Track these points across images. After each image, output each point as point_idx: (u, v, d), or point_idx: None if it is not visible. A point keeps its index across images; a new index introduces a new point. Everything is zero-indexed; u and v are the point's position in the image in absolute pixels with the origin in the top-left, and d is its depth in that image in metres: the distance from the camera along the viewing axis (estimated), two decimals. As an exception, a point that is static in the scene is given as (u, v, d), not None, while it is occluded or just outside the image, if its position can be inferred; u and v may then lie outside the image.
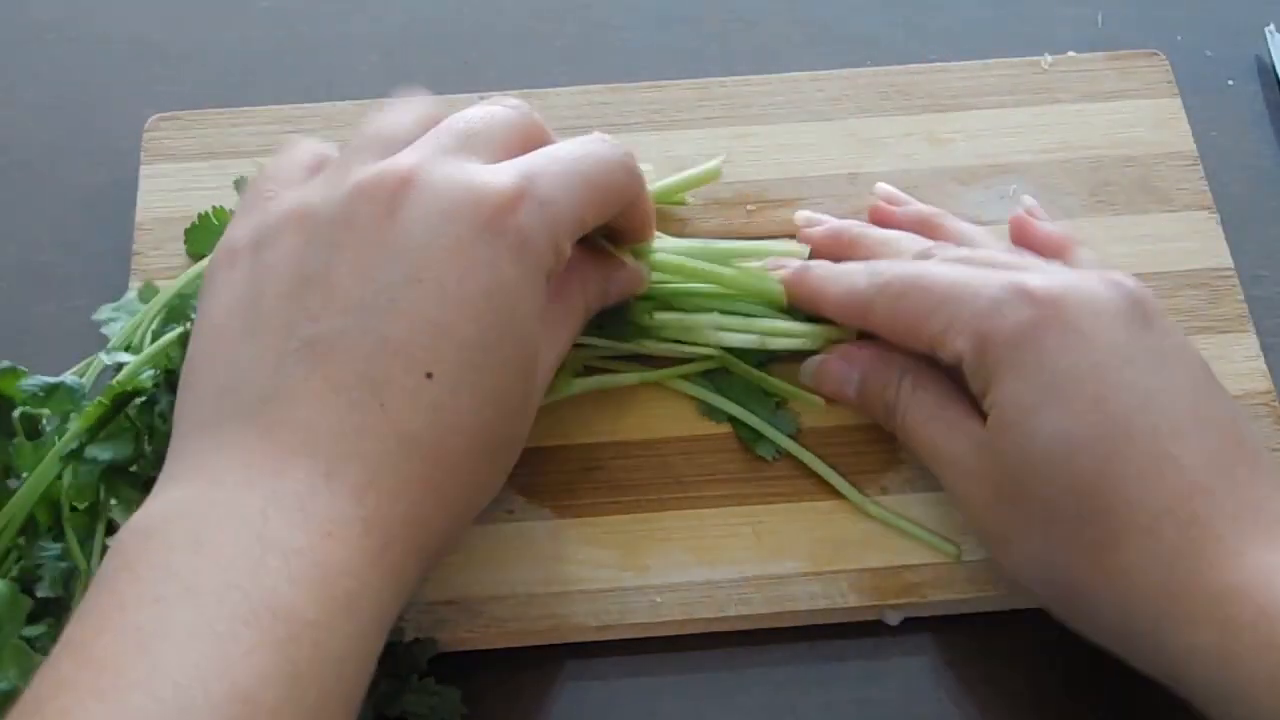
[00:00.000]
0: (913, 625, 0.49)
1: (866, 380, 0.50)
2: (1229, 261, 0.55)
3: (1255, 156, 0.60)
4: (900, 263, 0.50)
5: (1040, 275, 0.46)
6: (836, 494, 0.50)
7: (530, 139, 0.45)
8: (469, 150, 0.43)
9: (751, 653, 0.49)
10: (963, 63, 0.60)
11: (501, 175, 0.42)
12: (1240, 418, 0.44)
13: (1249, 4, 0.64)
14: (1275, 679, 0.38)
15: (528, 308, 0.42)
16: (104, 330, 0.51)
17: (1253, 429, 0.45)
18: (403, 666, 0.46)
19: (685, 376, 0.52)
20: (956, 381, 0.48)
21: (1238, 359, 0.53)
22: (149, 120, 0.59)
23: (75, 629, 0.35)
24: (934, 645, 0.49)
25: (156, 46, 0.64)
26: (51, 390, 0.46)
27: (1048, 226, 0.52)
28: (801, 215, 0.55)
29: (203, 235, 0.54)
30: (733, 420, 0.51)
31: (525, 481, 0.50)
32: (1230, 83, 0.62)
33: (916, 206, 0.55)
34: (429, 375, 0.40)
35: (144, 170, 0.58)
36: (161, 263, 0.55)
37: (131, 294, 0.53)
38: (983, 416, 0.46)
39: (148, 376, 0.46)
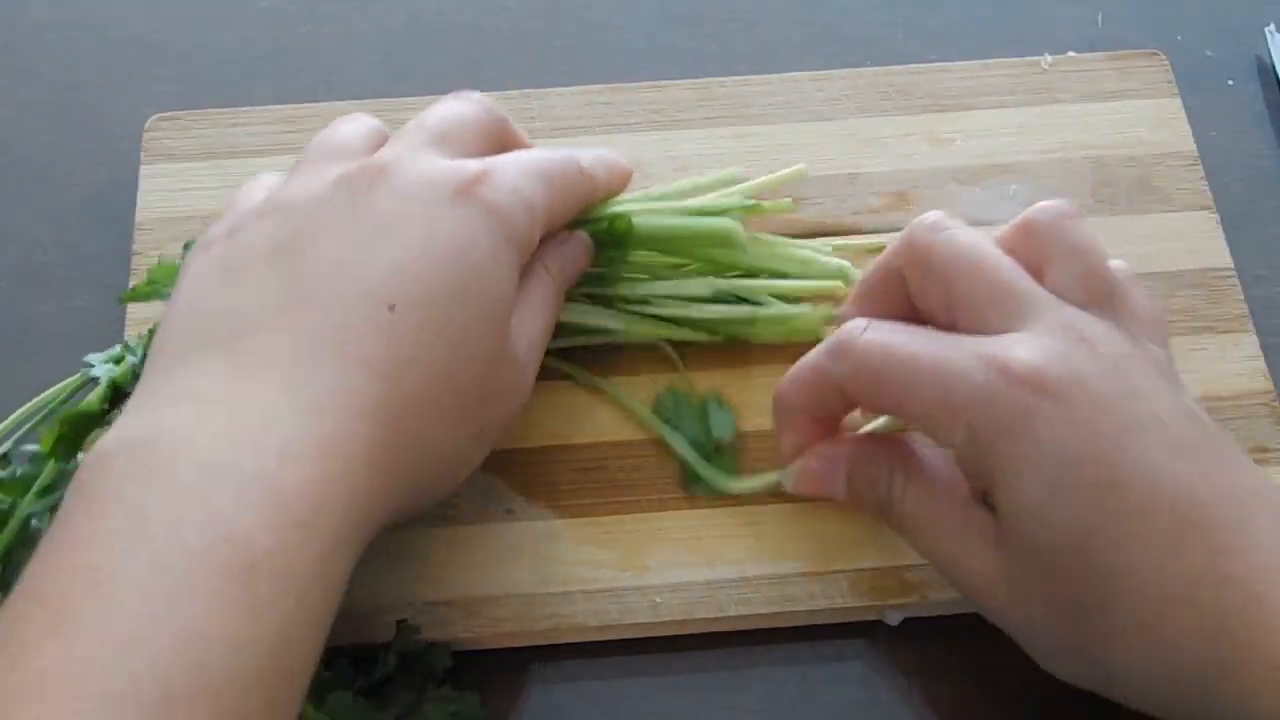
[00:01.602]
0: (913, 625, 0.49)
1: (854, 479, 0.46)
2: (1229, 261, 0.55)
3: (1255, 156, 0.60)
4: (870, 333, 0.44)
5: (1022, 345, 0.41)
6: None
7: (497, 136, 0.48)
8: (441, 146, 0.45)
9: (751, 653, 0.49)
10: (963, 63, 0.60)
11: (471, 163, 0.45)
12: (1233, 445, 0.42)
13: (1249, 4, 0.64)
14: None
15: (498, 270, 0.43)
16: (93, 372, 0.50)
17: (1244, 453, 0.42)
18: (418, 674, 0.46)
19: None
20: (949, 461, 0.45)
21: (1238, 359, 0.53)
22: (149, 120, 0.59)
23: (35, 566, 0.36)
24: (934, 645, 0.49)
25: (156, 46, 0.64)
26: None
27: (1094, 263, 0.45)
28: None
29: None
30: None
31: (525, 481, 0.50)
32: (1230, 83, 0.62)
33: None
34: (391, 308, 0.41)
35: (144, 170, 0.58)
36: (161, 263, 0.55)
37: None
38: (985, 503, 0.43)
39: (95, 398, 0.46)
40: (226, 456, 0.37)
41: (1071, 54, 0.61)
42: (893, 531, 0.46)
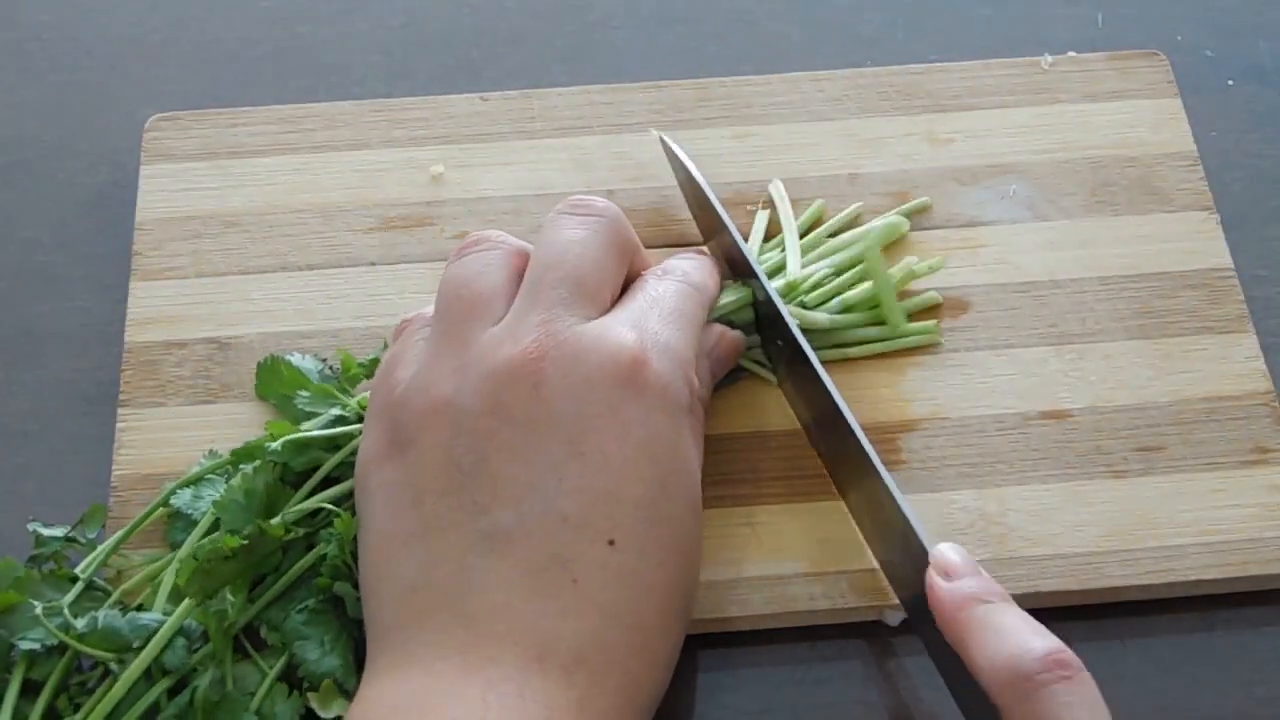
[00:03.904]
0: (913, 625, 0.49)
1: None
2: (1229, 261, 0.55)
3: (1255, 156, 0.60)
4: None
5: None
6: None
7: (625, 250, 0.47)
8: (579, 300, 0.44)
9: (751, 653, 0.49)
10: (963, 63, 0.60)
11: (621, 332, 0.43)
12: None
13: (1249, 4, 0.64)
14: None
15: (684, 450, 0.43)
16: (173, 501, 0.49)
17: None
18: None
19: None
20: None
21: (1238, 359, 0.53)
22: (149, 120, 0.59)
23: None
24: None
25: (156, 46, 0.64)
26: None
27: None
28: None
29: (270, 379, 0.52)
30: None
31: (525, 481, 0.50)
32: (1230, 83, 0.62)
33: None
34: (611, 543, 0.41)
35: (144, 170, 0.58)
36: (161, 263, 0.55)
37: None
38: None
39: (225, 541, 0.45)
40: (497, 716, 0.38)
41: (1071, 54, 0.61)
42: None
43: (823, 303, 0.53)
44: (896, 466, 0.51)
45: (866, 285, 0.53)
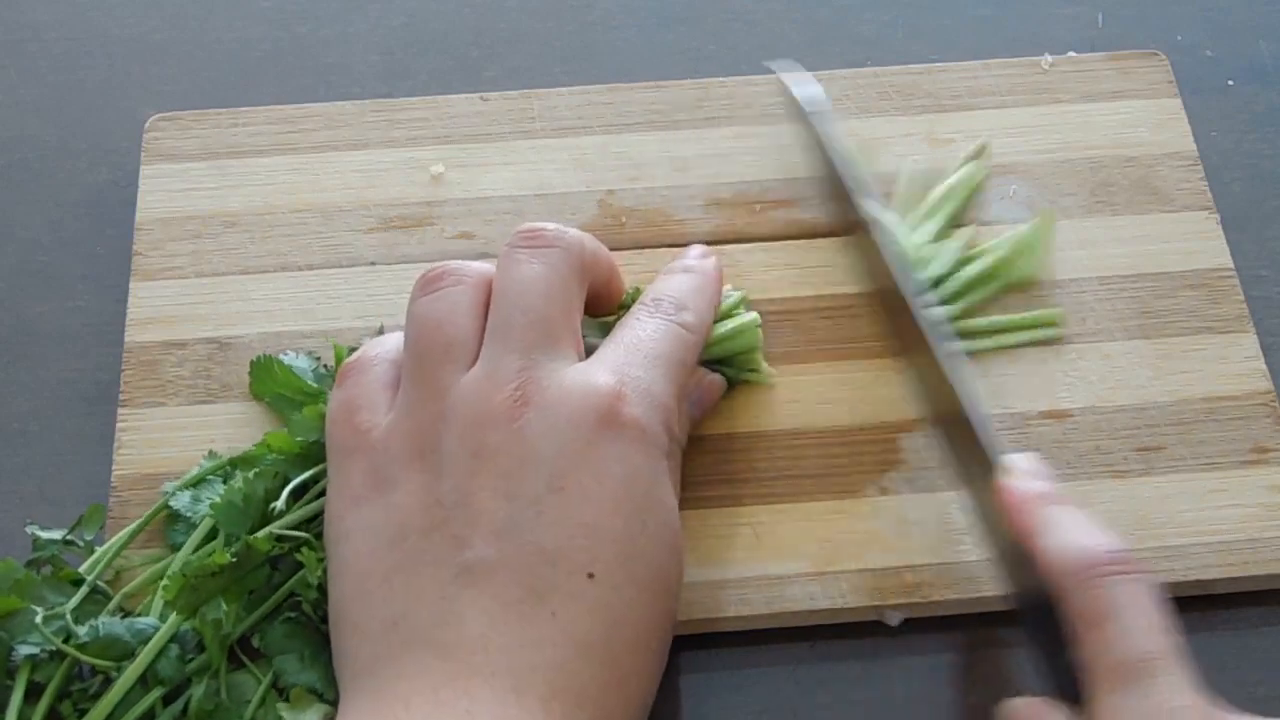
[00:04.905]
0: (913, 625, 0.49)
1: None
2: (1229, 261, 0.55)
3: (1255, 156, 0.60)
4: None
5: None
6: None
7: (587, 272, 0.47)
8: (550, 340, 0.44)
9: (751, 653, 0.49)
10: (963, 63, 0.60)
11: (603, 377, 0.44)
12: None
13: (1249, 4, 0.64)
14: None
15: (661, 491, 0.44)
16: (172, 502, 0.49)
17: None
18: None
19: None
20: None
21: (1238, 359, 0.53)
22: (149, 120, 0.59)
23: None
24: (934, 645, 0.49)
25: (156, 46, 0.64)
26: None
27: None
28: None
29: (264, 378, 0.52)
30: None
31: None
32: (1230, 83, 0.62)
33: None
34: (590, 576, 0.41)
35: (144, 170, 0.58)
36: (161, 263, 0.55)
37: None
38: None
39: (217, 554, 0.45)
40: None
41: (1071, 54, 0.61)
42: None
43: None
44: (896, 466, 0.51)
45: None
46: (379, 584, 0.42)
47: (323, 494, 0.47)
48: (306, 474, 0.48)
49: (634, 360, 0.45)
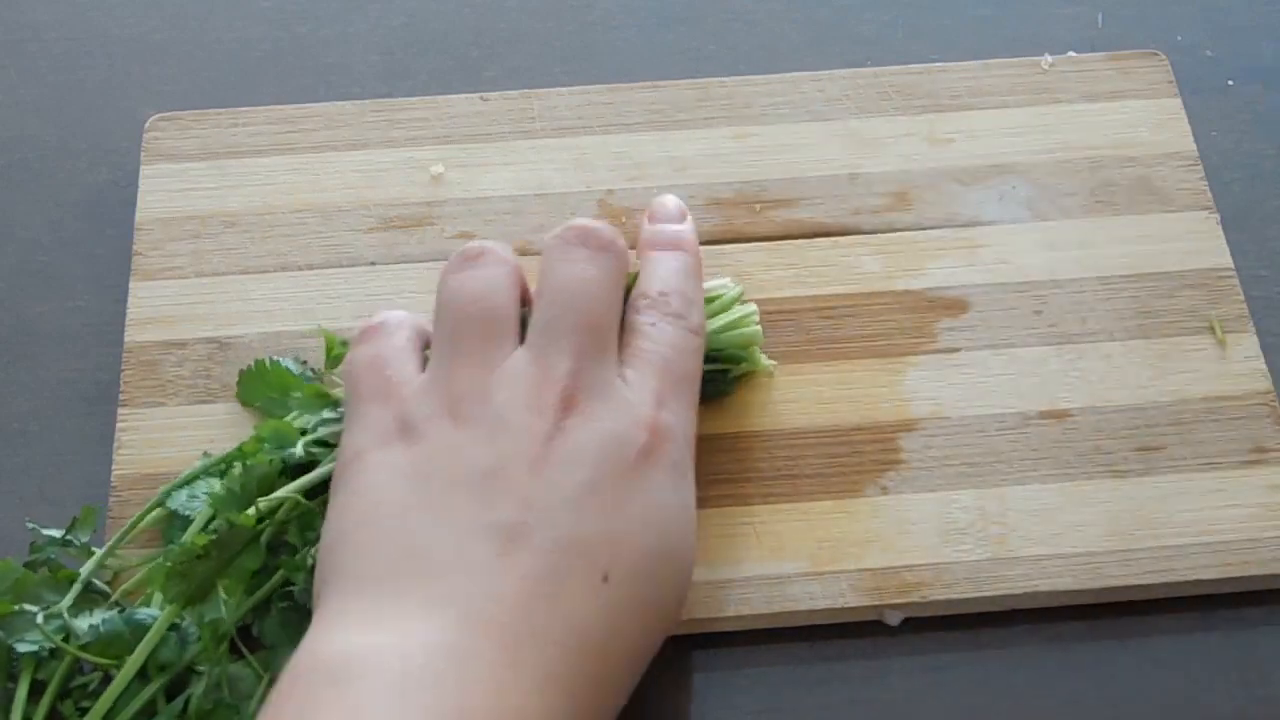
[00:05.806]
0: (913, 625, 0.49)
1: None
2: (1229, 261, 0.55)
3: (1255, 156, 0.60)
4: None
5: None
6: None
7: (626, 281, 0.47)
8: (597, 347, 0.44)
9: (751, 653, 0.49)
10: (963, 63, 0.60)
11: (644, 404, 0.44)
12: None
13: (1249, 4, 0.64)
14: None
15: (689, 525, 0.44)
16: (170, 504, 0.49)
17: None
18: None
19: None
20: None
21: (1238, 359, 0.53)
22: (149, 120, 0.59)
23: None
24: (934, 645, 0.49)
25: (156, 46, 0.64)
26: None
27: None
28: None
29: (254, 384, 0.52)
30: None
31: (525, 481, 0.50)
32: (1230, 83, 0.62)
33: None
34: (605, 578, 0.41)
35: (144, 170, 0.58)
36: (161, 263, 0.55)
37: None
38: None
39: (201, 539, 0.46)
40: (472, 701, 0.38)
41: (1071, 54, 0.61)
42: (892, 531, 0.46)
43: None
44: (896, 466, 0.51)
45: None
46: (394, 516, 0.42)
47: (324, 488, 0.47)
48: (324, 416, 0.48)
49: (666, 386, 0.45)
